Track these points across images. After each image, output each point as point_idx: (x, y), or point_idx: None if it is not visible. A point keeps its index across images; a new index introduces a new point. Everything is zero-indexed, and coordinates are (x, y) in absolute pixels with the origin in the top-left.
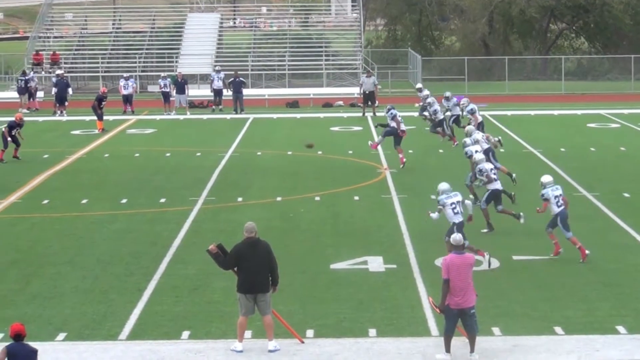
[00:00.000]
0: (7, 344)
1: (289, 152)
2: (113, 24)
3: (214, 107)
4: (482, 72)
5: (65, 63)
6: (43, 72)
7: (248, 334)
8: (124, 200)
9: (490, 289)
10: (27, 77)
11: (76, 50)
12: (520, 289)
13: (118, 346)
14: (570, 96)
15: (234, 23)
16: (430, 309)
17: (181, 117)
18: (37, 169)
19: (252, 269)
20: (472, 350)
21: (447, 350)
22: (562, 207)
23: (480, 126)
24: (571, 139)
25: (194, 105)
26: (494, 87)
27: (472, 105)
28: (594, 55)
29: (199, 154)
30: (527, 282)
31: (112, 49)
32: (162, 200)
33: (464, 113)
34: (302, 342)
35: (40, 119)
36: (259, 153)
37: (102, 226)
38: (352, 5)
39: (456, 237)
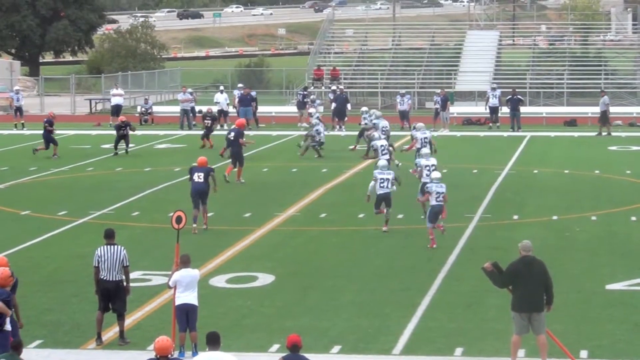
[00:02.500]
0: (283, 354)
1: (566, 171)
2: (393, 41)
3: (490, 124)
4: None
5: (344, 79)
6: (323, 87)
7: (521, 352)
8: (401, 216)
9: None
10: (304, 93)
11: (356, 66)
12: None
13: None
14: None
15: (513, 41)
16: None
17: (457, 133)
18: (316, 183)
19: (527, 288)
20: None
21: None
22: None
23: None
24: None
25: (471, 122)
26: None
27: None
28: None
29: (475, 170)
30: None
31: (391, 65)
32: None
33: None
34: None
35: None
36: (535, 171)
37: (379, 241)
38: (633, 24)
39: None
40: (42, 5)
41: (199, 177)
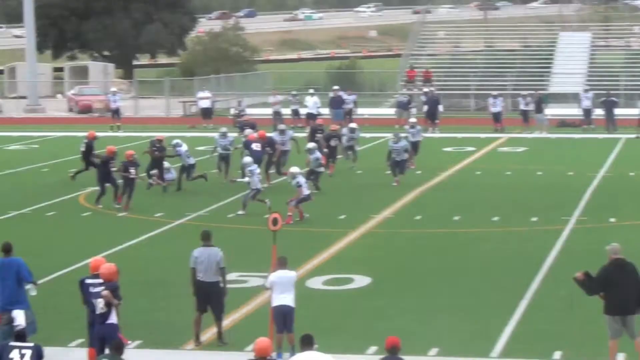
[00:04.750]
0: (381, 356)
1: None
2: (485, 42)
3: (585, 126)
4: None
5: (437, 80)
6: (415, 90)
7: (621, 356)
8: (496, 218)
9: None
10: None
11: (448, 68)
12: None
13: None
14: None
15: (606, 42)
16: None
17: (552, 136)
18: (410, 186)
19: (620, 291)
20: None
21: None
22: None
23: None
24: None
25: (565, 124)
26: None
27: None
28: None
29: (570, 173)
30: None
31: (483, 67)
32: (534, 219)
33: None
34: None
35: None
36: (632, 174)
37: (474, 244)
38: None
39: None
40: (135, 9)
41: (256, 146)
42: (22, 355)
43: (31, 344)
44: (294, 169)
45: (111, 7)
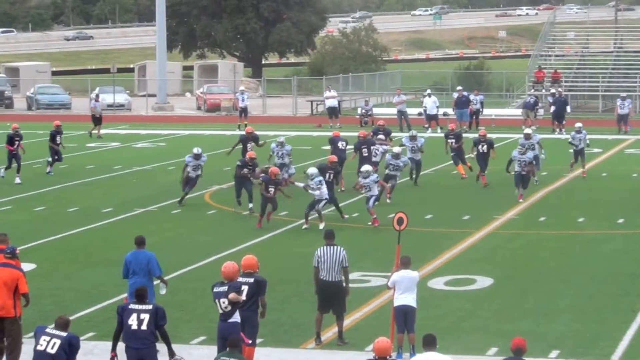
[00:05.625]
0: (503, 358)
1: None
2: (614, 44)
3: None
4: None
5: (565, 82)
6: (543, 90)
7: None
8: (621, 220)
9: None
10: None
11: (577, 69)
12: None
13: None
14: None
15: None
16: None
17: None
18: (535, 187)
19: None
20: None
21: None
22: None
23: None
24: None
25: None
26: None
27: None
28: None
29: None
30: None
31: (612, 69)
32: None
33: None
34: None
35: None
36: None
37: (598, 245)
38: None
39: None
40: (265, 8)
41: (342, 145)
42: (140, 322)
43: (149, 306)
44: (366, 167)
45: (242, 6)
